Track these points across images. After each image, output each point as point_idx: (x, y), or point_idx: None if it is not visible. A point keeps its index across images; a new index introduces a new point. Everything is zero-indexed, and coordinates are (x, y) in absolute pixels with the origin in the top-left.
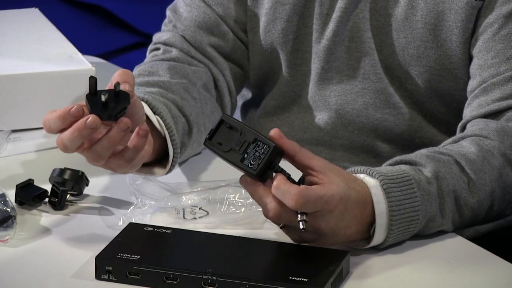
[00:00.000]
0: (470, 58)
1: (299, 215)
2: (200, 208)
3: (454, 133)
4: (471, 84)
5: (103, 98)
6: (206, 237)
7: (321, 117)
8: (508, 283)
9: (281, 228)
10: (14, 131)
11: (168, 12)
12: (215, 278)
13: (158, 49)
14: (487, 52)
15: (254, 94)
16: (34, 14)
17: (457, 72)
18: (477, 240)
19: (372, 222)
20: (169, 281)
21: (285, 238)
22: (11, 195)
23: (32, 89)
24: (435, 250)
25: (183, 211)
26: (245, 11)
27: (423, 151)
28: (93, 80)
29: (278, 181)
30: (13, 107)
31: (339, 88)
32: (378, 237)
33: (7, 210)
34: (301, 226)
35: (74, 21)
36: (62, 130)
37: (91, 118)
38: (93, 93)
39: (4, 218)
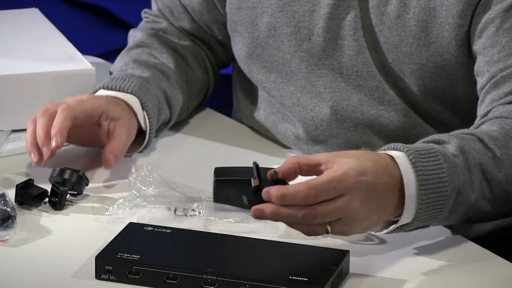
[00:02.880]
0: (463, 55)
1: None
2: (192, 210)
3: (450, 132)
4: (480, 81)
5: (253, 183)
6: (206, 237)
7: (315, 115)
8: (508, 283)
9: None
10: (14, 131)
11: None
12: (215, 277)
13: (148, 16)
14: (492, 47)
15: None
16: (34, 14)
17: (450, 69)
18: (477, 240)
19: (401, 199)
20: (169, 281)
21: (285, 238)
22: (11, 195)
23: (32, 89)
24: (435, 250)
25: (175, 210)
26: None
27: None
28: (255, 166)
29: (277, 190)
30: (13, 107)
31: (333, 85)
32: (408, 212)
33: (7, 210)
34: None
35: (74, 21)
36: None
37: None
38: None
39: (4, 218)
